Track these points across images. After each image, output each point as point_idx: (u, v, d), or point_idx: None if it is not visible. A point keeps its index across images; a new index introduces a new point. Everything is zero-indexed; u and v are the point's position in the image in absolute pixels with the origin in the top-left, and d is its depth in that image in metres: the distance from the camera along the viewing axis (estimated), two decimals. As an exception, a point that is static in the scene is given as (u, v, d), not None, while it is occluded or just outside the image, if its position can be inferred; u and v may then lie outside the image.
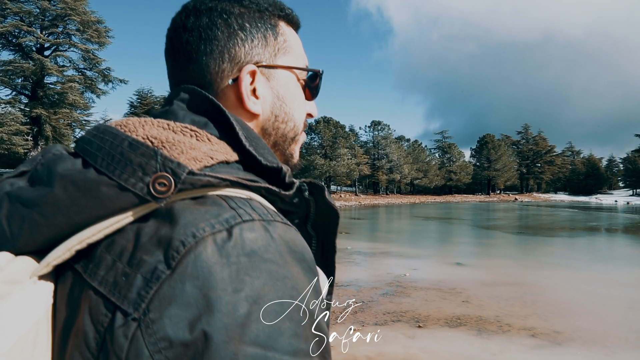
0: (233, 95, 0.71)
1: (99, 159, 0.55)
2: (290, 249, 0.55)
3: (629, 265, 13.00)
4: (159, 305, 0.48)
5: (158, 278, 0.49)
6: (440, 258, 13.64)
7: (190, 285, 0.48)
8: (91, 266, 0.53)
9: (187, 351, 0.47)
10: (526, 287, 9.28)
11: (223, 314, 0.47)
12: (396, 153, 77.41)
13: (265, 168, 0.63)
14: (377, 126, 79.22)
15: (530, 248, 16.70)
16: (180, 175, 0.53)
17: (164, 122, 0.61)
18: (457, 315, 7.13)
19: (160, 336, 0.47)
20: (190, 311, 0.47)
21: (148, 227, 0.53)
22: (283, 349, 0.50)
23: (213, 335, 0.47)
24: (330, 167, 63.20)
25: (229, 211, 0.54)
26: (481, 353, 5.54)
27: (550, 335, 6.26)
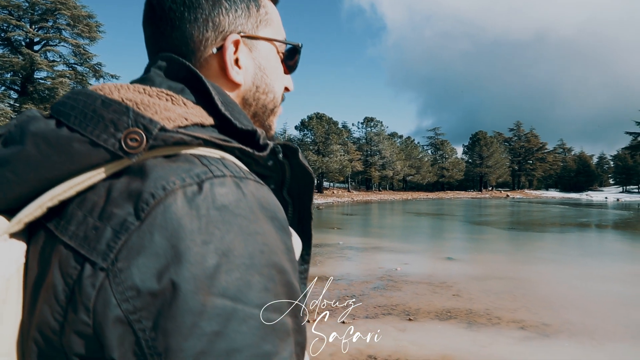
0: (216, 64, 0.71)
1: (72, 117, 0.55)
2: (262, 206, 0.55)
3: (617, 260, 13.12)
4: (127, 255, 0.48)
5: (127, 229, 0.49)
6: (432, 253, 13.69)
7: (159, 235, 0.48)
8: (62, 222, 0.53)
9: (155, 301, 0.47)
10: (516, 282, 9.33)
11: (191, 264, 0.48)
12: (389, 149, 77.53)
13: (240, 131, 0.63)
14: (370, 122, 79.26)
15: (521, 243, 16.80)
16: (152, 130, 0.53)
17: (139, 87, 0.61)
18: (448, 309, 7.16)
19: (127, 285, 0.48)
20: (159, 261, 0.48)
21: (120, 183, 0.53)
22: (252, 302, 0.50)
23: (181, 285, 0.47)
24: (323, 163, 63.17)
25: (201, 167, 0.54)
26: (471, 345, 5.58)
27: (539, 327, 6.31)
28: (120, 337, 0.48)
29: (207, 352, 0.47)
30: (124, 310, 0.48)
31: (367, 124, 79.60)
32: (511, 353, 5.33)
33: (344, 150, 69.24)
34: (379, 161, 77.02)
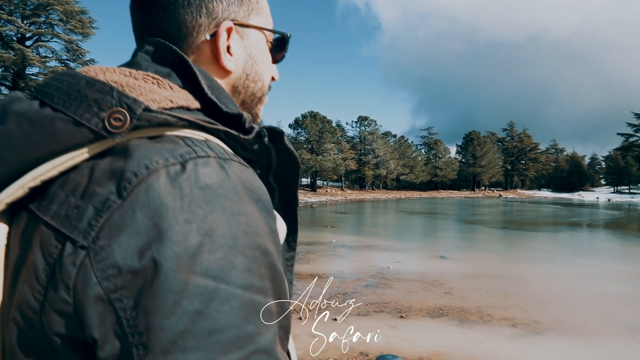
0: (208, 51, 0.71)
1: (56, 97, 0.54)
2: (246, 188, 0.55)
3: (607, 259, 13.21)
4: (109, 233, 0.48)
5: (109, 207, 0.48)
6: (424, 251, 13.73)
7: (140, 214, 0.48)
8: (44, 203, 0.52)
9: (136, 279, 0.47)
10: (508, 280, 9.38)
11: (173, 242, 0.47)
12: (382, 149, 77.66)
13: (226, 115, 0.63)
14: (363, 122, 79.34)
15: (513, 242, 16.88)
16: (136, 110, 0.52)
17: (126, 70, 0.60)
18: (440, 306, 7.19)
19: (108, 263, 0.47)
20: (140, 239, 0.47)
21: (103, 163, 0.52)
22: (235, 282, 0.49)
23: (162, 263, 0.46)
24: (316, 161, 63.17)
25: (185, 147, 0.54)
26: (462, 342, 5.60)
27: (530, 325, 6.34)
28: (100, 316, 0.47)
29: (188, 332, 0.46)
30: (104, 289, 0.47)
31: (361, 123, 79.68)
32: (502, 350, 5.36)
33: (338, 149, 69.28)
34: (372, 160, 77.13)
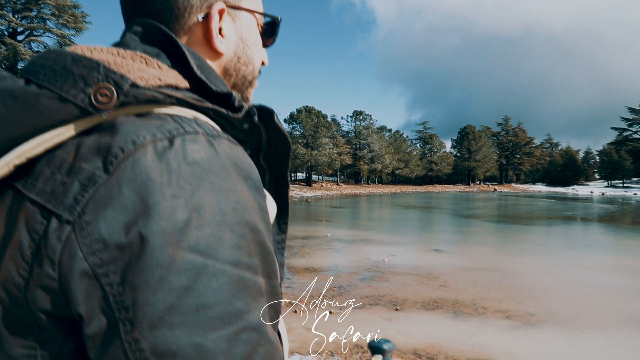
0: (200, 32, 0.70)
1: (41, 74, 0.54)
2: (235, 165, 0.54)
3: (601, 252, 13.31)
4: (95, 208, 0.47)
5: (95, 182, 0.48)
6: (419, 245, 13.77)
7: (127, 188, 0.47)
8: (30, 180, 0.52)
9: (123, 254, 0.46)
10: (502, 273, 9.43)
11: (161, 217, 0.47)
12: (378, 143, 77.63)
13: (215, 94, 0.62)
14: (359, 116, 79.27)
15: (507, 236, 16.95)
16: (123, 86, 0.51)
17: (113, 49, 0.60)
18: (434, 299, 7.22)
19: (94, 238, 0.47)
20: (127, 214, 0.47)
21: (89, 139, 0.52)
22: (224, 258, 0.49)
23: (149, 238, 0.46)
24: (311, 156, 63.12)
25: (173, 124, 0.53)
26: (457, 334, 5.63)
27: (524, 317, 6.38)
28: (86, 292, 0.47)
29: (175, 307, 0.46)
30: (90, 264, 0.46)
31: (356, 118, 79.61)
32: (496, 342, 5.39)
33: (333, 143, 69.21)
34: (367, 155, 77.13)
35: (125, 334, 0.46)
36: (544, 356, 5.00)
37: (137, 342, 0.45)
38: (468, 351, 5.09)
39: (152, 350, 0.45)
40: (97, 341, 0.47)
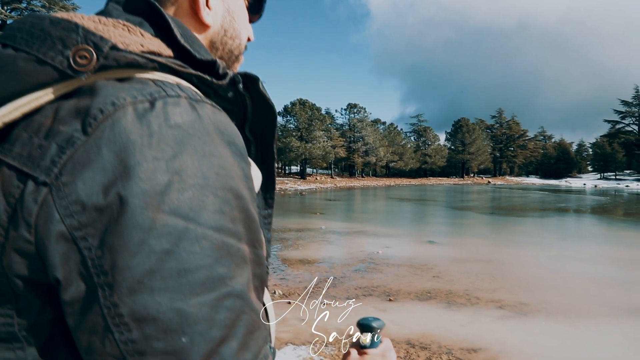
0: (186, 4, 0.69)
1: (18, 37, 0.52)
2: (219, 130, 0.53)
3: (594, 243, 13.40)
4: (72, 169, 0.46)
5: (73, 144, 0.46)
6: (413, 237, 13.81)
7: (106, 150, 0.46)
8: (7, 145, 0.50)
9: (102, 216, 0.45)
10: (496, 264, 9.47)
11: (140, 179, 0.45)
12: (372, 136, 77.60)
13: (199, 62, 0.61)
14: (353, 109, 79.16)
15: (501, 228, 17.03)
16: (103, 47, 0.50)
17: (94, 17, 0.58)
18: (428, 290, 7.24)
19: (72, 199, 0.45)
20: (106, 175, 0.45)
21: (68, 103, 0.50)
22: (206, 222, 0.48)
23: (129, 200, 0.45)
24: (306, 149, 63.04)
25: (155, 87, 0.52)
26: (450, 324, 5.65)
27: (517, 307, 6.42)
28: (64, 256, 0.45)
29: (156, 271, 0.44)
30: (67, 226, 0.45)
31: (350, 111, 79.49)
32: (490, 331, 5.42)
33: (327, 136, 69.14)
34: (362, 147, 77.11)
35: (104, 299, 0.44)
36: (537, 345, 5.04)
37: (116, 307, 0.44)
38: (461, 341, 5.11)
39: (132, 315, 0.44)
40: (75, 307, 0.46)
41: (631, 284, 8.07)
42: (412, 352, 4.75)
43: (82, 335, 0.46)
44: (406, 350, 4.80)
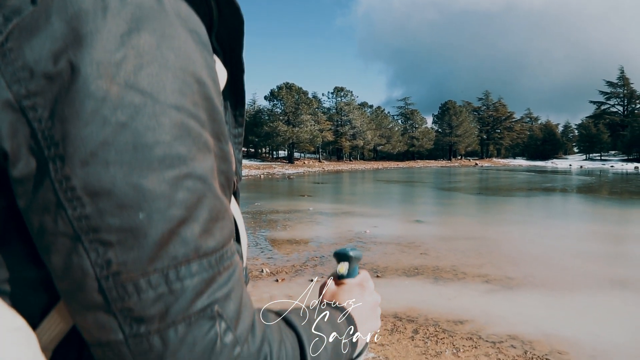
0: None
1: None
2: (180, 16, 0.48)
3: (579, 220, 13.58)
4: (19, 36, 0.43)
5: (20, 13, 0.43)
6: (401, 217, 13.86)
7: (56, 18, 0.43)
8: None
9: (51, 85, 0.42)
10: (482, 241, 9.54)
11: (94, 48, 0.43)
12: (359, 119, 77.53)
13: None
14: (340, 92, 78.91)
15: (488, 207, 17.15)
16: None
17: None
18: (415, 266, 7.27)
19: (19, 65, 0.42)
20: (56, 43, 0.42)
21: None
22: (165, 100, 0.44)
23: (81, 68, 0.42)
24: (293, 133, 62.83)
25: None
26: (437, 298, 5.68)
27: (503, 281, 6.47)
28: (11, 126, 0.42)
29: (110, 144, 0.41)
30: (14, 93, 0.42)
31: (337, 94, 79.22)
32: (476, 304, 5.46)
33: (314, 120, 68.90)
34: (349, 131, 77.04)
35: (55, 172, 0.42)
36: (522, 315, 5.08)
37: (68, 180, 0.42)
38: (448, 313, 5.14)
39: (85, 189, 0.41)
40: (25, 185, 0.43)
41: (614, 258, 8.18)
42: (399, 325, 4.77)
43: (33, 216, 0.43)
44: (393, 323, 4.81)
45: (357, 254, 0.85)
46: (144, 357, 0.43)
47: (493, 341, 4.40)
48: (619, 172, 53.42)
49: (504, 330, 4.67)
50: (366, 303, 0.81)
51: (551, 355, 4.11)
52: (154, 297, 0.43)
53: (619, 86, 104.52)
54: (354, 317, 0.75)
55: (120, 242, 0.42)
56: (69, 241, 0.42)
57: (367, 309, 0.81)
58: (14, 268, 0.46)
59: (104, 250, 0.42)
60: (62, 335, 0.49)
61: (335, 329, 0.68)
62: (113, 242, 0.42)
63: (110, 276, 0.42)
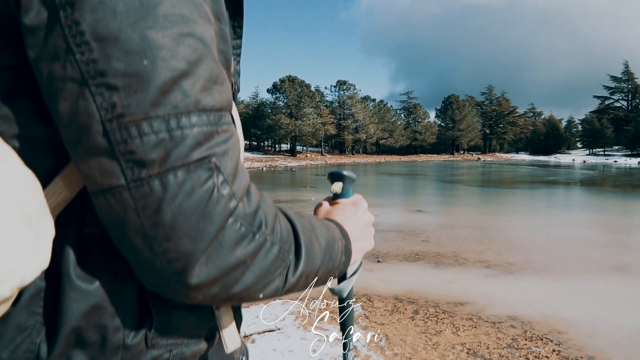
0: None
1: None
2: None
3: (581, 210, 13.57)
4: None
5: None
6: (403, 207, 13.87)
7: None
8: None
9: None
10: (484, 229, 9.55)
11: None
12: (362, 113, 77.41)
13: None
14: (342, 86, 78.77)
15: (490, 198, 17.15)
16: None
17: None
18: (416, 252, 7.29)
19: None
20: None
21: None
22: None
23: None
24: (295, 126, 62.79)
25: None
26: (437, 281, 5.70)
27: (504, 266, 6.48)
28: None
29: None
30: None
31: (339, 87, 79.08)
32: (476, 287, 5.47)
33: (317, 113, 68.83)
34: (352, 124, 76.95)
35: (66, 18, 0.43)
36: (523, 297, 5.10)
37: (77, 25, 0.43)
38: (448, 295, 5.16)
39: (93, 33, 0.43)
40: (37, 34, 0.45)
41: (616, 245, 8.19)
42: (399, 306, 4.79)
43: (43, 65, 0.45)
44: (394, 304, 4.84)
45: (352, 174, 0.86)
46: (144, 201, 0.45)
47: (493, 322, 4.42)
48: (622, 167, 53.25)
49: (504, 312, 4.68)
50: (359, 220, 0.82)
51: (550, 334, 4.13)
52: (155, 141, 0.45)
53: (623, 81, 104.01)
54: (348, 231, 0.77)
55: (125, 86, 0.44)
56: (76, 86, 0.44)
57: (360, 226, 0.81)
58: (23, 125, 0.49)
59: (110, 94, 0.44)
60: (66, 203, 0.51)
61: (329, 232, 0.70)
62: (118, 86, 0.44)
63: (114, 119, 0.44)
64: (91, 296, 0.50)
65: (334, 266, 0.69)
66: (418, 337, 4.02)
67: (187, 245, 0.46)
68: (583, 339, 4.07)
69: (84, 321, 0.50)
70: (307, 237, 0.62)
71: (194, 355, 0.61)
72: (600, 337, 4.10)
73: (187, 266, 0.47)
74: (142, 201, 0.45)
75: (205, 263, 0.48)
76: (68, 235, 0.51)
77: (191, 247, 0.46)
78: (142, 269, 0.49)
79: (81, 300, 0.50)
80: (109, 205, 0.46)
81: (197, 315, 0.60)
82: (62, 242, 0.50)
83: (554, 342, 3.98)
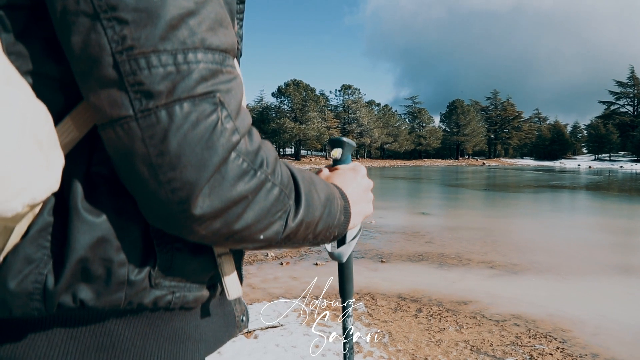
0: None
1: None
2: None
3: (586, 214, 13.51)
4: None
5: None
6: (407, 209, 13.86)
7: None
8: None
9: None
10: (488, 231, 9.53)
11: None
12: (366, 117, 77.46)
13: None
14: (347, 90, 78.85)
15: (495, 201, 17.10)
16: None
17: None
18: (420, 253, 7.28)
19: None
20: None
21: None
22: None
23: None
24: (300, 130, 62.90)
25: None
26: (441, 281, 5.69)
27: (508, 266, 6.47)
28: None
29: None
30: None
31: (344, 92, 79.16)
32: (480, 287, 5.46)
33: (322, 117, 68.95)
34: (356, 129, 76.99)
35: None
36: (527, 295, 5.09)
37: None
38: (452, 295, 5.15)
39: None
40: None
41: (620, 247, 8.15)
42: (402, 304, 4.78)
43: (57, 0, 0.47)
44: (397, 302, 4.83)
45: (350, 141, 0.88)
46: (151, 130, 0.47)
47: (497, 320, 4.41)
48: (628, 172, 52.99)
49: (507, 310, 4.67)
50: (359, 185, 0.83)
51: (554, 332, 4.12)
52: (163, 73, 0.46)
53: (629, 86, 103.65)
54: (347, 194, 0.78)
55: (135, 20, 0.46)
56: (88, 20, 0.46)
57: (359, 191, 0.83)
58: (36, 62, 0.51)
59: (120, 27, 0.45)
60: (74, 143, 0.53)
61: (329, 188, 0.71)
62: (128, 20, 0.45)
63: (124, 51, 0.46)
64: (98, 228, 0.52)
65: (334, 223, 0.70)
66: (421, 334, 4.02)
67: (191, 174, 0.48)
68: (587, 337, 4.05)
69: (90, 252, 0.52)
70: (306, 187, 0.63)
71: (195, 301, 0.62)
72: (605, 335, 4.08)
73: (191, 195, 0.49)
74: (149, 131, 0.47)
75: (208, 195, 0.49)
76: (76, 172, 0.53)
77: (195, 177, 0.48)
78: (147, 201, 0.51)
79: (88, 231, 0.51)
80: (117, 136, 0.48)
81: (199, 260, 0.61)
82: (70, 178, 0.52)
83: (558, 339, 3.97)
